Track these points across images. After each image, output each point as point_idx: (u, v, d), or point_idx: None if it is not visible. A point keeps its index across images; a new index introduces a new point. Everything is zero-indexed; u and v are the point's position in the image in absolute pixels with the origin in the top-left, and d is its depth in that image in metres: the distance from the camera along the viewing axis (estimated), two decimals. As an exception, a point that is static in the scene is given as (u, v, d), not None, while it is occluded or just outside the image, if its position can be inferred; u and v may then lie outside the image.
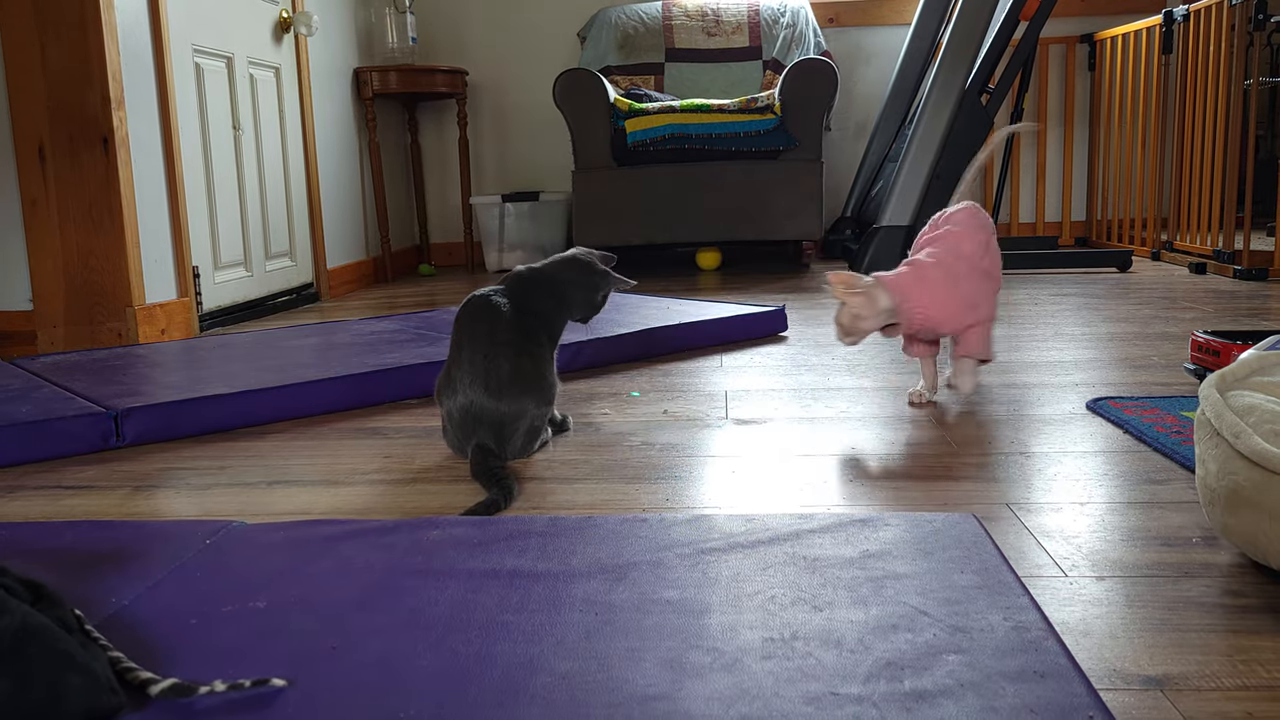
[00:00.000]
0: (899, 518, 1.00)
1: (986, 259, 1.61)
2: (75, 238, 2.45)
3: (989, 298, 1.60)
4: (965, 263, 1.58)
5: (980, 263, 1.60)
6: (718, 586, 0.86)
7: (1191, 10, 3.57)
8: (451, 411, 1.35)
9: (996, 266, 1.64)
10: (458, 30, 4.54)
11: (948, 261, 1.58)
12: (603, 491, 1.23)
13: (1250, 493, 0.88)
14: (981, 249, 1.61)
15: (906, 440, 1.42)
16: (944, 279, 1.56)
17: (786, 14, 4.21)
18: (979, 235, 1.62)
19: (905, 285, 1.55)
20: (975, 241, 1.61)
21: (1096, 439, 1.39)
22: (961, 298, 1.56)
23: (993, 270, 1.63)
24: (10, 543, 1.03)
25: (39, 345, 2.49)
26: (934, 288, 1.55)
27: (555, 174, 4.61)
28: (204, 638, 0.79)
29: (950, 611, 0.79)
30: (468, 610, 0.82)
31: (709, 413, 1.62)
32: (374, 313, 3.07)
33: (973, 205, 1.68)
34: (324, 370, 1.78)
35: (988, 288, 1.60)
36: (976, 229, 1.62)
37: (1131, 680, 0.74)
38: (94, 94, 2.40)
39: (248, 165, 3.14)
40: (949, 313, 1.56)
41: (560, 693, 0.69)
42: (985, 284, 1.60)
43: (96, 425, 1.51)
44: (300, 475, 1.35)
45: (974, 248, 1.60)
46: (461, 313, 1.38)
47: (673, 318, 2.23)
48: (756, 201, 3.73)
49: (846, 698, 0.67)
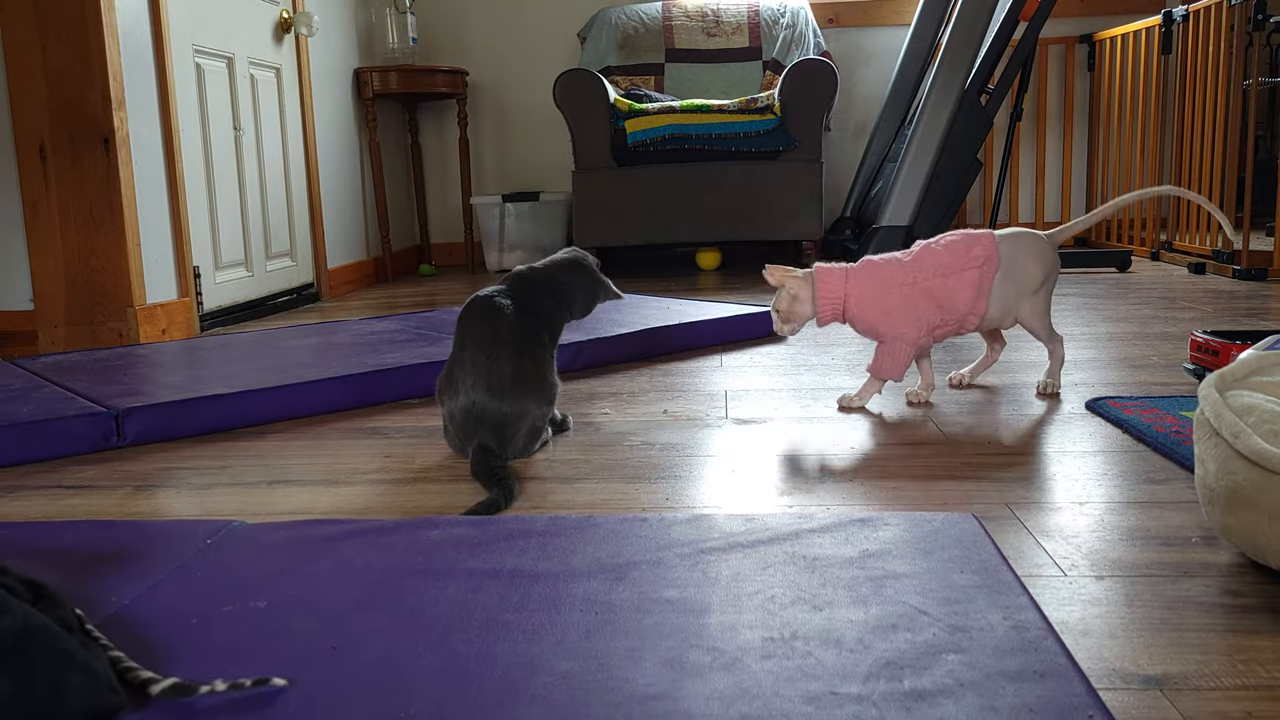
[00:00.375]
0: (898, 517, 1.00)
1: (938, 281, 1.55)
2: (76, 238, 2.45)
3: (916, 319, 1.55)
4: (909, 273, 1.55)
5: (928, 281, 1.55)
6: (718, 586, 0.86)
7: (1191, 10, 3.57)
8: (453, 412, 1.35)
9: (957, 299, 1.55)
10: (458, 30, 4.54)
11: (887, 264, 1.57)
12: (603, 491, 1.23)
13: (1249, 492, 0.88)
14: (940, 271, 1.55)
15: (906, 440, 1.42)
16: (873, 278, 1.55)
17: (786, 14, 4.21)
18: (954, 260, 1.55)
19: (834, 274, 1.56)
20: (938, 262, 1.56)
21: (1096, 439, 1.39)
22: (881, 304, 1.55)
23: (945, 300, 1.55)
24: (11, 543, 1.03)
25: (40, 345, 2.49)
26: (859, 283, 1.55)
27: (555, 174, 4.61)
28: (204, 637, 0.79)
29: (950, 611, 0.79)
30: (468, 610, 0.82)
31: (709, 413, 1.62)
32: (374, 313, 3.07)
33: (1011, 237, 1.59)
34: (324, 370, 1.78)
35: (921, 307, 1.55)
36: (961, 254, 1.56)
37: (1131, 680, 0.74)
38: (95, 94, 2.40)
39: (248, 165, 3.14)
40: (862, 311, 1.55)
41: (560, 692, 0.69)
42: (921, 303, 1.55)
43: (97, 425, 1.51)
44: (300, 475, 1.35)
45: (933, 265, 1.55)
46: (464, 313, 1.38)
47: (673, 318, 2.23)
48: (756, 201, 3.73)
49: (846, 697, 0.67)
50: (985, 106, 3.55)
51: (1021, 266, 1.59)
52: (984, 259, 1.56)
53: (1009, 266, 1.58)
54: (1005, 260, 1.58)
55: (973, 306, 1.57)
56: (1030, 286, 1.60)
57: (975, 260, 1.56)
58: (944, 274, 1.56)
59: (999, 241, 1.58)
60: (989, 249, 1.57)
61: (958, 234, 1.60)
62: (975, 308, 1.57)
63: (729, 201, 3.73)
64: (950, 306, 1.57)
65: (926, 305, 1.56)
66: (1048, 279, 1.61)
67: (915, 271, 1.56)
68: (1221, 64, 3.32)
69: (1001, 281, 1.58)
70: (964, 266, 1.56)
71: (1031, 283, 1.59)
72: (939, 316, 1.57)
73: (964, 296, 1.56)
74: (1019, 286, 1.59)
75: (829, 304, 1.56)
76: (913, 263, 1.57)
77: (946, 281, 1.56)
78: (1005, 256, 1.58)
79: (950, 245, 1.58)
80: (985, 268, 1.56)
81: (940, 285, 1.56)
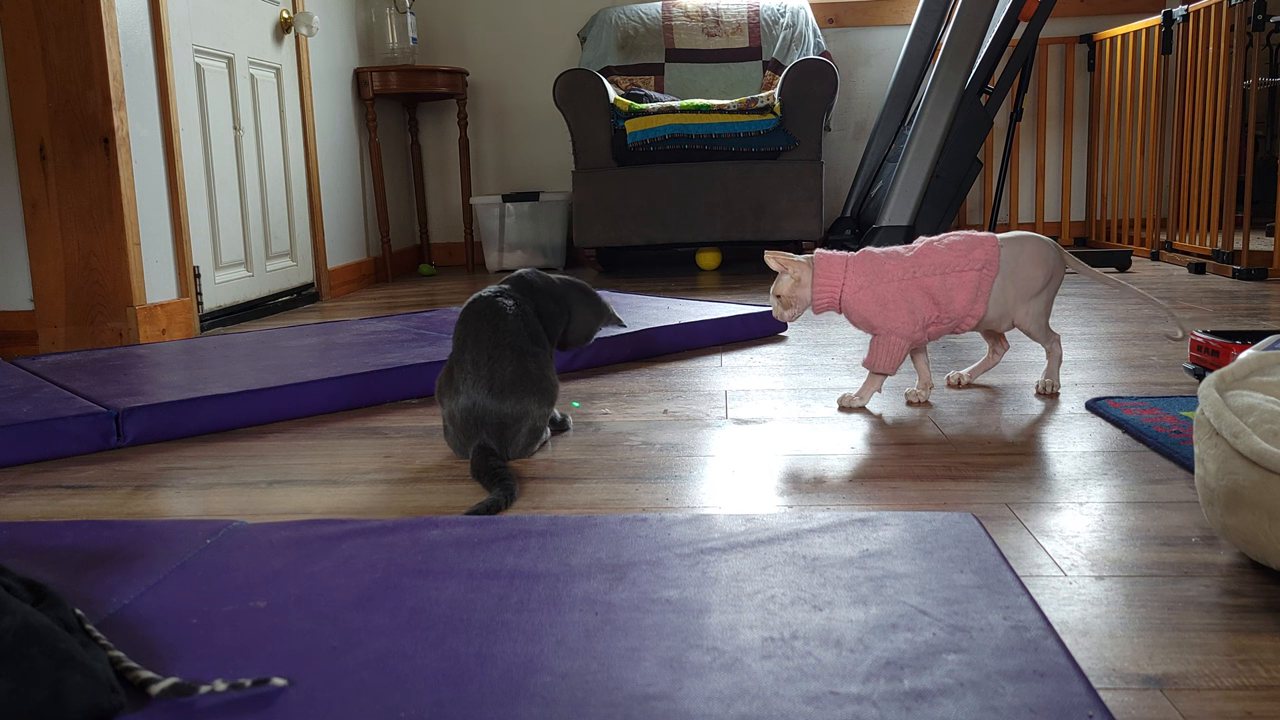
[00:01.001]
0: (898, 517, 1.00)
1: (936, 279, 1.55)
2: (76, 238, 2.45)
3: (911, 314, 1.55)
4: (908, 268, 1.56)
5: (927, 278, 1.55)
6: (718, 586, 0.86)
7: (1191, 10, 3.57)
8: (454, 413, 1.35)
9: (954, 299, 1.56)
10: (458, 30, 4.54)
11: (887, 257, 1.57)
12: (603, 491, 1.23)
13: (1250, 492, 0.88)
14: (939, 269, 1.55)
15: (906, 440, 1.43)
16: (871, 270, 1.56)
17: (786, 14, 4.21)
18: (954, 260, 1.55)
19: (834, 261, 1.56)
20: (937, 260, 1.56)
21: (1096, 439, 1.39)
22: (878, 295, 1.55)
23: (942, 299, 1.55)
24: (11, 543, 1.03)
25: (40, 345, 2.49)
26: (857, 273, 1.56)
27: (555, 174, 4.61)
28: (205, 637, 0.79)
29: (950, 611, 0.79)
30: (468, 610, 0.82)
31: (709, 413, 1.62)
32: (374, 313, 3.07)
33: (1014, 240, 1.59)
34: (324, 370, 1.78)
35: (917, 302, 1.55)
36: (962, 255, 1.56)
37: (1131, 680, 0.74)
38: (94, 94, 2.40)
39: (248, 165, 3.14)
40: (858, 302, 1.56)
41: (560, 692, 0.69)
42: (917, 298, 1.55)
43: (97, 425, 1.51)
44: (300, 475, 1.35)
45: (934, 263, 1.56)
46: (465, 313, 1.38)
47: (673, 318, 2.24)
48: (756, 201, 3.73)
49: (846, 697, 0.67)
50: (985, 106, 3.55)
51: (1023, 271, 1.59)
52: (984, 262, 1.56)
53: (1010, 270, 1.58)
54: (1007, 265, 1.58)
55: (970, 308, 1.57)
56: (1030, 290, 1.60)
57: (975, 263, 1.56)
58: (943, 272, 1.56)
59: (1002, 245, 1.59)
60: (990, 253, 1.57)
61: (961, 235, 1.60)
62: (973, 309, 1.57)
63: (729, 201, 3.73)
64: (947, 305, 1.57)
65: (923, 301, 1.56)
66: (1049, 283, 1.61)
67: (915, 267, 1.56)
68: (1221, 64, 3.32)
69: (1001, 285, 1.58)
70: (964, 267, 1.56)
71: (1032, 287, 1.59)
72: (934, 313, 1.57)
73: (962, 297, 1.56)
74: (1019, 290, 1.59)
75: (826, 291, 1.56)
76: (913, 258, 1.57)
77: (945, 280, 1.56)
78: (1007, 261, 1.58)
79: (953, 245, 1.58)
80: (985, 271, 1.56)
81: (938, 283, 1.56)
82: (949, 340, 2.20)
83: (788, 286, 1.57)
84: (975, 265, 1.56)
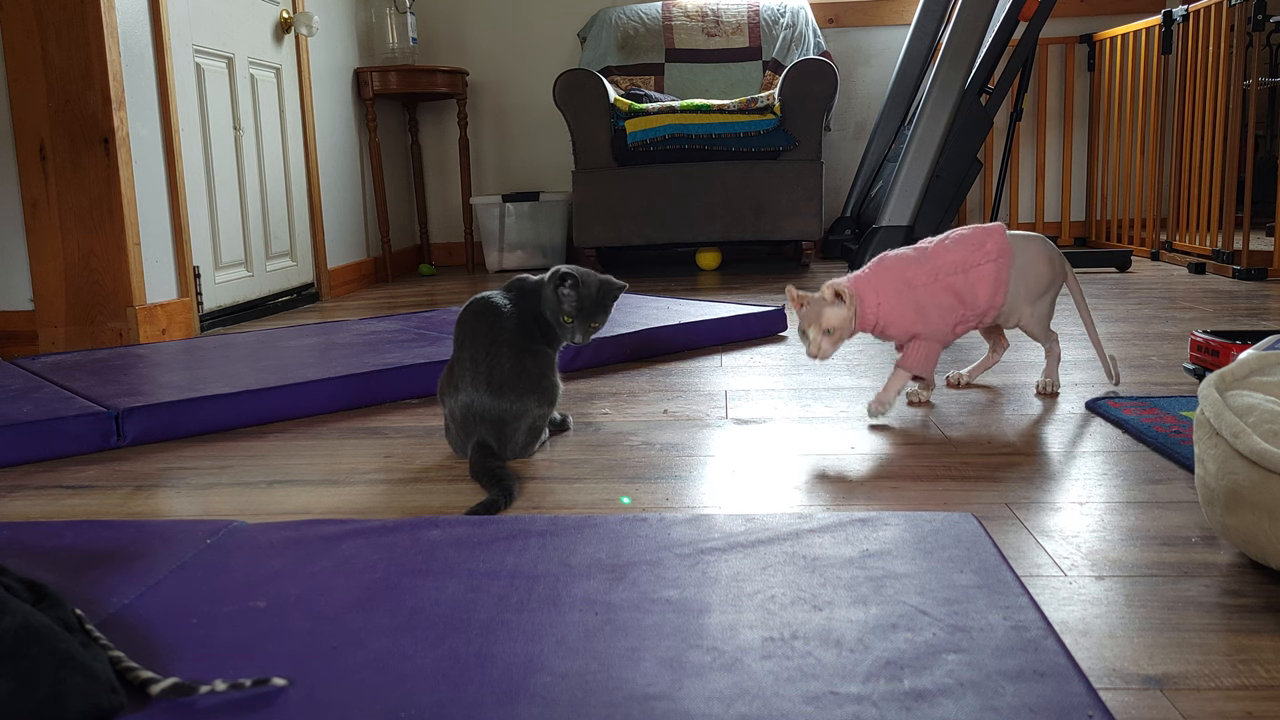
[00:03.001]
0: (898, 517, 1.00)
1: (959, 278, 1.55)
2: (76, 238, 2.45)
3: (944, 315, 1.55)
4: (930, 271, 1.55)
5: (950, 278, 1.55)
6: (718, 586, 0.86)
7: (1191, 10, 3.57)
8: (454, 410, 1.35)
9: (977, 293, 1.56)
10: (458, 30, 4.54)
11: (904, 265, 1.55)
12: (603, 491, 1.23)
13: (1250, 492, 0.88)
14: (959, 267, 1.55)
15: (906, 440, 1.43)
16: (895, 281, 1.54)
17: (786, 14, 4.21)
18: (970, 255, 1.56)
19: (867, 288, 1.52)
20: (955, 259, 1.56)
21: (1096, 439, 1.39)
22: (913, 302, 1.53)
23: (967, 296, 1.55)
24: (11, 543, 1.03)
25: (40, 345, 2.49)
26: (885, 292, 1.53)
27: (555, 174, 4.61)
28: (205, 637, 0.79)
29: (950, 611, 0.79)
30: (468, 610, 0.82)
31: (709, 413, 1.62)
32: (374, 313, 3.07)
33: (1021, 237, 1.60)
34: (324, 370, 1.78)
35: (946, 304, 1.55)
36: (976, 249, 1.56)
37: (1131, 680, 0.74)
38: (94, 94, 2.40)
39: (248, 165, 3.14)
40: (896, 317, 1.53)
41: (560, 692, 0.69)
42: (944, 299, 1.55)
43: (97, 425, 1.51)
44: (301, 475, 1.35)
45: (952, 262, 1.55)
46: (465, 313, 1.38)
47: (673, 318, 2.23)
48: (756, 201, 3.73)
49: (846, 697, 0.67)
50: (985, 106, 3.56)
51: (1033, 267, 1.59)
52: (999, 252, 1.56)
53: (1021, 265, 1.58)
54: (1018, 259, 1.58)
55: (992, 300, 1.57)
56: (1038, 290, 1.60)
57: (990, 254, 1.56)
58: (964, 269, 1.56)
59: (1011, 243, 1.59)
60: (1002, 241, 1.57)
61: (965, 229, 1.60)
62: (994, 300, 1.57)
63: (729, 201, 3.73)
64: (971, 302, 1.56)
65: (951, 302, 1.56)
66: (1053, 284, 1.61)
67: (936, 269, 1.55)
68: (1221, 64, 3.32)
69: (1015, 277, 1.58)
70: (980, 261, 1.56)
71: (1040, 284, 1.60)
72: (961, 311, 1.57)
73: (984, 291, 1.56)
74: (1028, 286, 1.59)
75: (867, 313, 1.54)
76: (932, 261, 1.56)
77: (967, 277, 1.56)
78: (1018, 256, 1.59)
79: (962, 240, 1.58)
80: (1000, 261, 1.56)
81: (961, 281, 1.55)
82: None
83: (838, 318, 1.48)
84: (991, 257, 1.56)
